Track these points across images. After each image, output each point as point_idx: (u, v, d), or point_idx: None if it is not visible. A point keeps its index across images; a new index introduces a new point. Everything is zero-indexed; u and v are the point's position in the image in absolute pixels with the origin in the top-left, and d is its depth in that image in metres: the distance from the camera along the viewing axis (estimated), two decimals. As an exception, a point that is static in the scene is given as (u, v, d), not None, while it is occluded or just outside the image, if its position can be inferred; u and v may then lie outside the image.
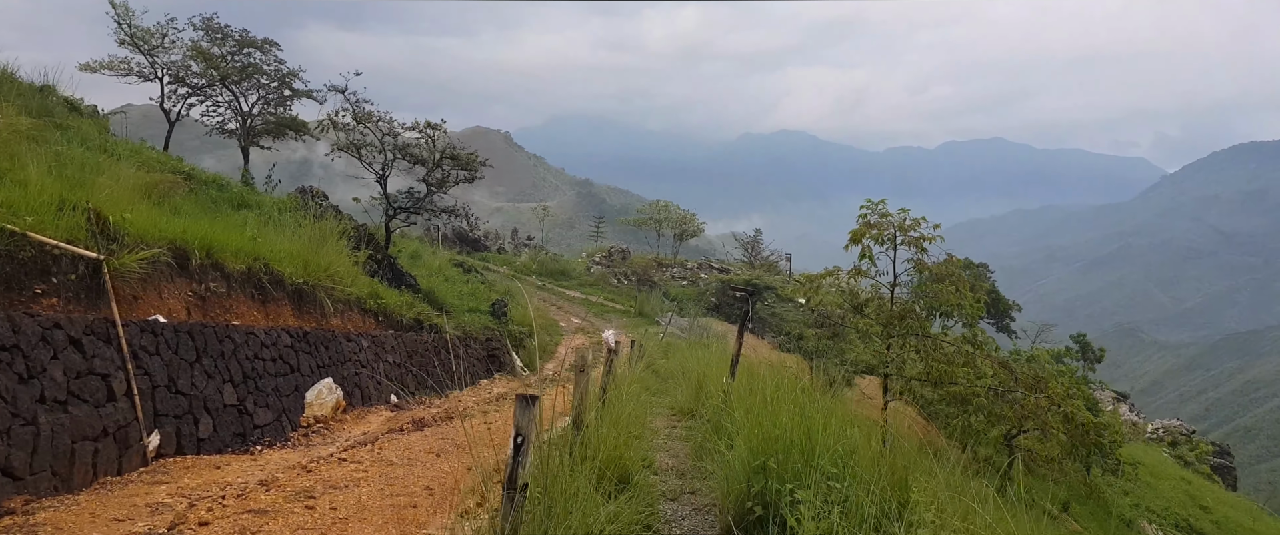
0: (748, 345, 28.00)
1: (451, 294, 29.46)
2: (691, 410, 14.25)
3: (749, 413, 8.37)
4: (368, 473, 8.27)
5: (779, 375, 11.57)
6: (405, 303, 19.57)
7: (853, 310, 12.34)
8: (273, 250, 14.04)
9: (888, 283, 11.98)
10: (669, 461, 9.52)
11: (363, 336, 15.21)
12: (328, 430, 11.76)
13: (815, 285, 12.25)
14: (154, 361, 9.01)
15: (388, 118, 23.97)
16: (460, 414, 14.10)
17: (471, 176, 25.17)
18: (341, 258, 16.43)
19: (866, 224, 11.74)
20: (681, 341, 31.57)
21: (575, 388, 7.15)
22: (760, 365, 14.28)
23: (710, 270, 60.65)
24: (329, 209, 22.56)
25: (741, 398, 9.34)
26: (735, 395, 9.76)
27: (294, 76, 32.53)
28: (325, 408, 12.33)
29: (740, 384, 10.51)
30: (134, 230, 10.42)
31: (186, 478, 7.78)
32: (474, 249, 61.63)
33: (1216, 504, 48.06)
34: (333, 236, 17.00)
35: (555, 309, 44.17)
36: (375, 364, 15.36)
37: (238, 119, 32.76)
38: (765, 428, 7.17)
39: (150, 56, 30.65)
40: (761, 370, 12.83)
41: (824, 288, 12.40)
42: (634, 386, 15.88)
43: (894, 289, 11.87)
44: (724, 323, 46.96)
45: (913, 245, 11.54)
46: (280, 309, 13.61)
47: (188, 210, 17.37)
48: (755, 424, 7.42)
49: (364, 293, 16.94)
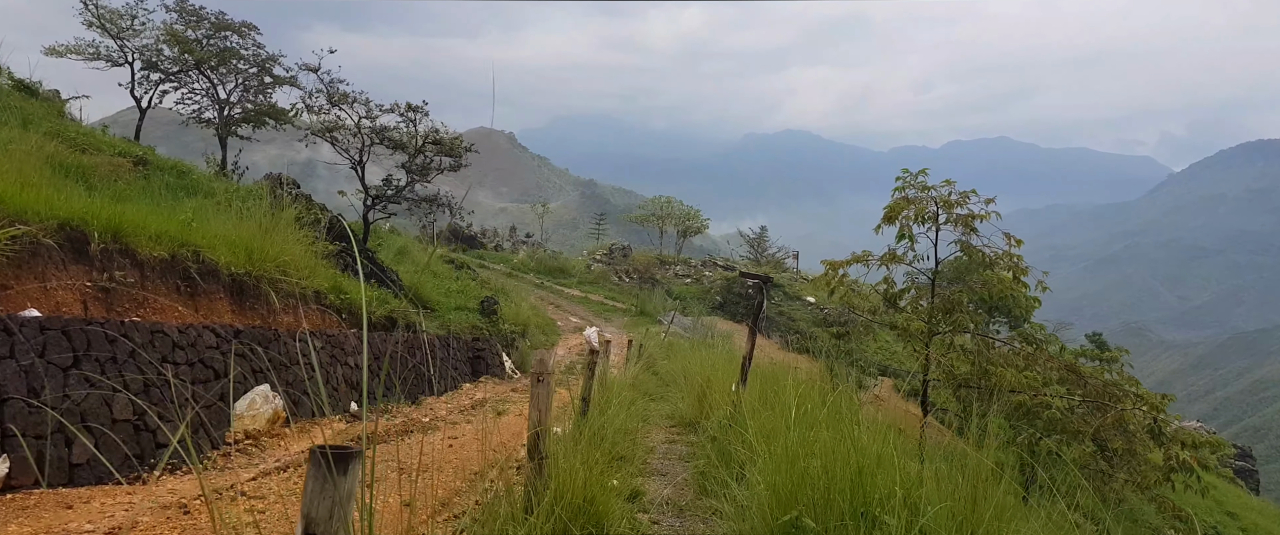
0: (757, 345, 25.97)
1: (438, 291, 27.48)
2: (695, 421, 12.33)
3: (768, 435, 6.44)
4: (267, 513, 6.34)
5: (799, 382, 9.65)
6: (377, 298, 17.61)
7: (887, 303, 10.35)
8: (208, 236, 12.11)
9: (927, 270, 9.99)
10: (664, 491, 7.59)
11: (317, 335, 13.26)
12: (259, 448, 9.82)
13: (838, 275, 10.25)
14: (7, 367, 7.07)
15: (365, 99, 22.05)
16: (425, 426, 12.15)
17: (457, 164, 23.25)
18: (298, 246, 14.48)
19: (904, 199, 9.77)
20: (685, 341, 29.69)
21: (531, 404, 5.22)
22: (773, 368, 12.33)
23: (715, 268, 58.64)
24: (300, 198, 20.61)
25: (755, 411, 7.41)
26: (747, 407, 7.85)
27: (274, 61, 30.52)
28: (260, 420, 10.39)
29: (753, 393, 8.58)
30: (12, 205, 8.50)
31: (16, 523, 5.85)
32: (470, 246, 59.70)
33: (1242, 510, 46.08)
34: (289, 223, 15.04)
35: (553, 308, 42.28)
36: (332, 368, 13.40)
37: (215, 107, 30.85)
38: (791, 457, 5.26)
39: (119, 40, 28.90)
40: (777, 375, 10.88)
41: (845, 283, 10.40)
42: (627, 392, 14.00)
43: (936, 277, 9.89)
44: (729, 322, 45.02)
45: (960, 224, 9.57)
46: (214, 304, 11.68)
47: (131, 195, 15.50)
48: (778, 453, 5.50)
49: (325, 286, 15.00)
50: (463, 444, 10.55)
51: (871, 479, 4.60)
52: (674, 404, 14.35)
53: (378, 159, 27.58)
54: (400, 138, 22.00)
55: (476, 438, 11.23)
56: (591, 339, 8.17)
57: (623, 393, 13.05)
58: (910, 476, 4.77)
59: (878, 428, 5.57)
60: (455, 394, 18.44)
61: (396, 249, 32.14)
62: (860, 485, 4.54)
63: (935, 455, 6.30)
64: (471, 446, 10.45)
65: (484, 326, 25.96)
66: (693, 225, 63.61)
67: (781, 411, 7.31)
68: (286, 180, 21.63)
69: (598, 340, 8.20)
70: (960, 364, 9.16)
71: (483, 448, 8.51)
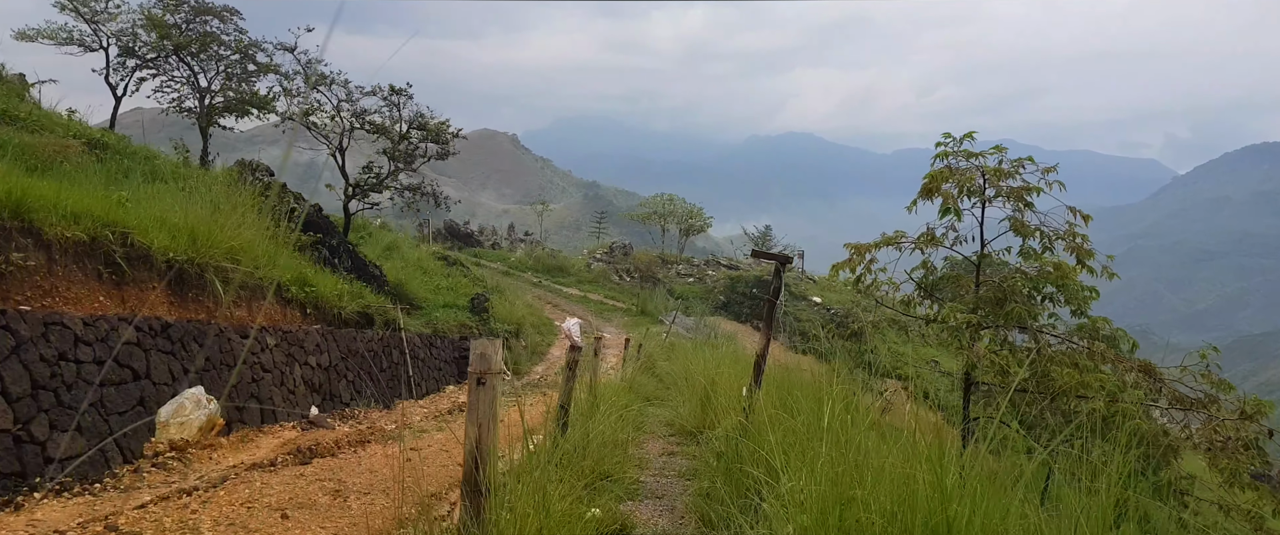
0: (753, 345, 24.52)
1: (426, 287, 25.98)
2: (697, 429, 10.81)
3: (792, 447, 4.93)
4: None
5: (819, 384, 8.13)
6: (349, 293, 16.10)
7: (922, 293, 8.81)
8: (142, 218, 10.61)
9: (972, 253, 8.46)
10: (660, 521, 6.09)
11: (270, 332, 11.73)
12: (183, 462, 8.31)
13: (865, 260, 8.71)
14: None
15: (344, 80, 20.52)
16: (387, 435, 10.65)
17: (444, 151, 21.72)
18: (254, 232, 12.96)
19: (948, 168, 8.23)
20: (687, 342, 28.24)
21: (469, 417, 3.72)
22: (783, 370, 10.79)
23: (718, 267, 57.09)
24: (272, 185, 19.09)
25: (775, 420, 5.90)
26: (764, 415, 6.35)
27: (257, 48, 28.98)
28: (190, 429, 8.89)
29: (767, 397, 7.08)
30: None
31: None
32: (466, 244, 58.17)
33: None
34: (246, 206, 13.52)
35: (551, 307, 40.79)
36: (288, 368, 11.86)
37: (196, 96, 29.37)
38: (834, 481, 3.79)
39: (93, 24, 27.50)
40: (789, 377, 9.37)
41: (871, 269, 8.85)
42: (622, 396, 12.50)
43: (981, 260, 8.36)
44: (733, 322, 43.54)
45: (1011, 198, 8.04)
46: (146, 294, 10.18)
47: (76, 177, 14.03)
48: (812, 478, 4.01)
49: (286, 278, 13.50)
50: (427, 457, 9.05)
51: (962, 518, 3.09)
52: (675, 408, 12.86)
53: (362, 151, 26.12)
54: (382, 122, 20.44)
55: (443, 449, 9.72)
56: (571, 332, 6.64)
57: (617, 397, 11.56)
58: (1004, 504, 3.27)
59: (947, 446, 4.05)
60: (436, 397, 16.93)
61: (385, 245, 30.61)
62: (948, 528, 3.03)
63: (1003, 482, 4.75)
64: (435, 460, 8.95)
65: (474, 325, 24.47)
66: (695, 223, 61.99)
67: (809, 421, 5.82)
68: (259, 167, 20.16)
69: (577, 333, 6.65)
70: (1010, 363, 7.63)
71: (448, 463, 7.03)
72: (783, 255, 6.88)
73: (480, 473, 3.60)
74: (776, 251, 57.03)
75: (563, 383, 7.09)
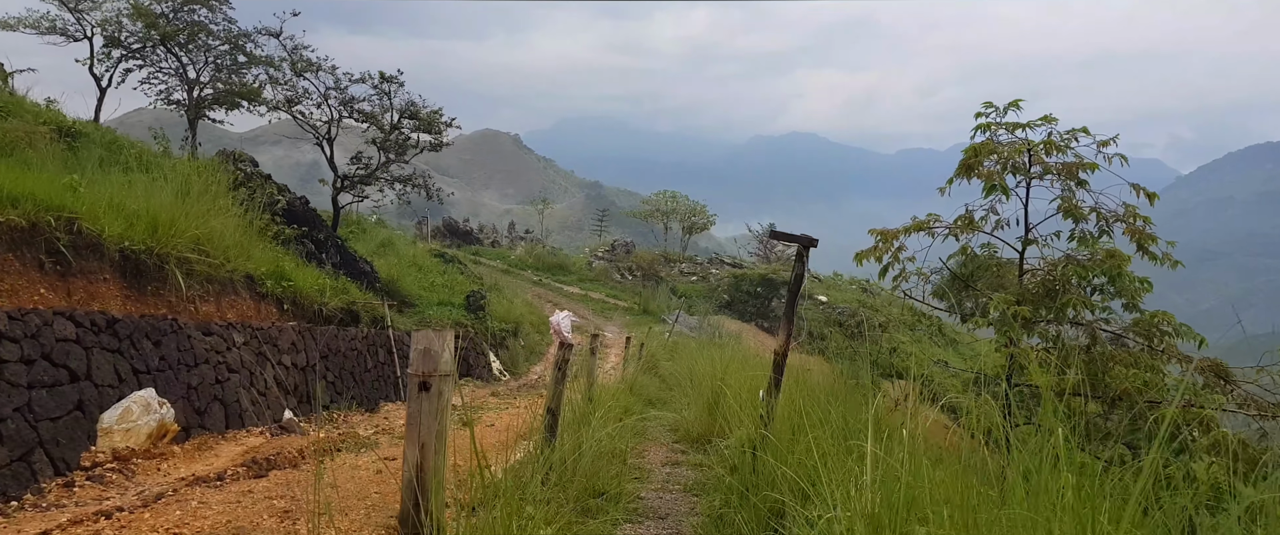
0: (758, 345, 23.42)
1: (420, 285, 25.05)
2: (704, 435, 9.86)
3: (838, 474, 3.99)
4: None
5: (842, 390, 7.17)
6: (333, 288, 15.15)
7: (957, 283, 7.84)
8: (94, 203, 9.67)
9: (1015, 239, 7.49)
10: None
11: (238, 328, 10.77)
12: (127, 473, 7.37)
13: (892, 247, 7.74)
14: None
15: (332, 66, 19.56)
16: (361, 442, 9.69)
17: (438, 142, 20.75)
18: (224, 221, 12.00)
19: (991, 141, 7.26)
20: (691, 341, 27.30)
21: (408, 433, 2.80)
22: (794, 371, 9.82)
23: (722, 266, 56.10)
24: (256, 176, 18.17)
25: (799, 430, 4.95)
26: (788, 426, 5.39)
27: (247, 38, 27.99)
28: (137, 436, 7.95)
29: (787, 403, 6.12)
30: None
31: None
32: (466, 241, 57.22)
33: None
34: (217, 193, 12.57)
35: (551, 306, 39.85)
36: (259, 367, 10.90)
37: (184, 87, 28.43)
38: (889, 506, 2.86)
39: (77, 12, 26.58)
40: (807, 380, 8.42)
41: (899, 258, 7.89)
42: (623, 399, 11.57)
43: (1026, 248, 7.39)
44: (737, 321, 42.52)
45: (1063, 175, 7.07)
46: (96, 286, 9.23)
47: (40, 164, 13.10)
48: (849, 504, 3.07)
49: (260, 270, 12.54)
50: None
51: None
52: (679, 412, 11.92)
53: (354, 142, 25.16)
54: (372, 110, 19.46)
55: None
56: (561, 326, 5.68)
57: (616, 399, 10.62)
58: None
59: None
60: (426, 399, 15.98)
61: (379, 241, 29.66)
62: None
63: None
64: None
65: (470, 324, 23.52)
66: (698, 221, 60.95)
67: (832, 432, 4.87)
68: (243, 157, 19.23)
69: (570, 328, 5.70)
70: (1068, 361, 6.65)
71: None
72: (806, 237, 5.93)
73: (421, 511, 2.66)
74: (780, 248, 55.64)
75: (552, 385, 6.14)
